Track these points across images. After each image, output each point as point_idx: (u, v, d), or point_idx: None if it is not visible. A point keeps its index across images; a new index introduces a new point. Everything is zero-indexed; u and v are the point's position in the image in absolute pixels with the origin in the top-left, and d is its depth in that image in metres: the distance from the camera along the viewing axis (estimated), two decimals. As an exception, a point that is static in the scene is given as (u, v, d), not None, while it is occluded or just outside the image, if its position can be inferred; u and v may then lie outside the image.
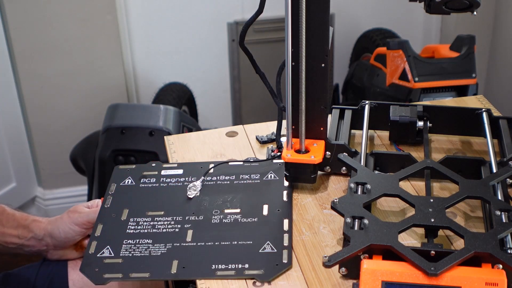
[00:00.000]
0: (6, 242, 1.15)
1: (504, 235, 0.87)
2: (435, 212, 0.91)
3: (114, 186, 1.13)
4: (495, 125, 1.16)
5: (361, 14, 2.54)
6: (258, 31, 2.39)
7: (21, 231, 1.14)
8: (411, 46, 2.00)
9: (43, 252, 1.15)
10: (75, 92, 2.30)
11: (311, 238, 0.99)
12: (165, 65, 2.44)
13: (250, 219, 1.02)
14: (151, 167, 1.17)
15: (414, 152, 1.16)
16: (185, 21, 2.40)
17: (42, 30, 2.19)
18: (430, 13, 0.99)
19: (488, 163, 1.06)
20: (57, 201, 2.45)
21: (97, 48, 2.27)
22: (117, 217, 1.06)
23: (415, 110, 1.17)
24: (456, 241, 0.96)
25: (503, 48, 2.47)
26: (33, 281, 1.18)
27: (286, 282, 0.91)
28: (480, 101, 1.34)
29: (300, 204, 1.07)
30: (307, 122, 1.06)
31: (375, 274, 0.81)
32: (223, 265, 0.93)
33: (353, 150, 1.10)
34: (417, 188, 1.09)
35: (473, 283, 0.80)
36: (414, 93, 1.95)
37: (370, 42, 2.36)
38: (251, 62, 1.12)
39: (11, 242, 1.14)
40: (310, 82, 1.03)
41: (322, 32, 1.00)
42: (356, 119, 1.19)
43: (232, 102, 2.58)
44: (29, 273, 1.21)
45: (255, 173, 1.13)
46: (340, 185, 1.11)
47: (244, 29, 1.07)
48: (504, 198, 0.97)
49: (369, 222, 0.89)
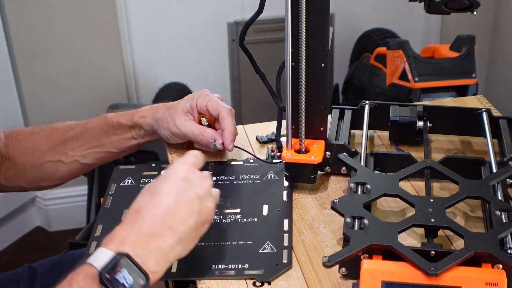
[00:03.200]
0: (127, 146, 1.18)
1: (504, 235, 0.87)
2: (435, 212, 0.91)
3: (114, 186, 1.13)
4: (495, 125, 1.16)
5: (361, 14, 2.54)
6: (258, 31, 2.39)
7: (134, 131, 1.16)
8: (411, 46, 2.00)
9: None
10: (75, 92, 2.30)
11: (311, 238, 0.99)
12: (165, 65, 2.44)
13: (250, 219, 1.02)
14: (151, 167, 1.17)
15: (414, 152, 1.16)
16: (185, 21, 2.40)
17: (42, 30, 2.19)
18: (430, 13, 0.99)
19: (488, 163, 1.06)
20: (57, 201, 2.46)
21: (97, 48, 2.27)
22: (117, 218, 1.06)
23: (415, 110, 1.17)
24: (456, 241, 0.96)
25: (503, 48, 2.47)
26: (57, 266, 1.20)
27: (286, 282, 0.91)
28: (480, 101, 1.34)
29: (300, 204, 1.07)
30: (307, 122, 1.06)
31: (375, 274, 0.81)
32: (223, 265, 0.93)
33: (353, 150, 1.10)
34: (417, 188, 1.09)
35: (473, 283, 0.80)
36: (414, 93, 1.95)
37: (370, 42, 2.36)
38: (251, 62, 1.12)
39: (131, 145, 1.17)
40: (310, 82, 1.03)
41: (322, 32, 1.00)
42: (356, 119, 1.19)
43: (232, 102, 2.58)
44: (53, 261, 1.23)
45: (255, 173, 1.13)
46: (340, 185, 1.11)
47: (244, 29, 1.07)
48: (504, 198, 0.97)
49: (369, 222, 0.89)
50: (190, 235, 0.85)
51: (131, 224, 0.82)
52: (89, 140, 1.16)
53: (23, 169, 1.17)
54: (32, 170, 1.17)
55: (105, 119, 1.16)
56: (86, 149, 1.17)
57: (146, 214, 0.83)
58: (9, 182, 1.18)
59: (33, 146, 1.16)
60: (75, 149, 1.17)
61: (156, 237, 0.82)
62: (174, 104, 1.15)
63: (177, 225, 0.83)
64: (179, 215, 0.84)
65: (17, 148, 1.17)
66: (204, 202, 0.87)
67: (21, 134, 1.18)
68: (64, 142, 1.17)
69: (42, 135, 1.17)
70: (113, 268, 0.77)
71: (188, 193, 0.86)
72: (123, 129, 1.16)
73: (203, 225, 0.87)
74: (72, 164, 1.18)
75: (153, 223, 0.82)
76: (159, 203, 0.84)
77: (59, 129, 1.17)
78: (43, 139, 1.17)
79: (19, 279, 1.23)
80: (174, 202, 0.85)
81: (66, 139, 1.17)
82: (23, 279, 1.23)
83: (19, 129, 1.19)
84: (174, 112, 1.13)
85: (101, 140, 1.16)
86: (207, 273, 0.92)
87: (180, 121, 1.12)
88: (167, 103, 1.17)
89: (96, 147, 1.17)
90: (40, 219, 2.51)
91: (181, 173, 0.88)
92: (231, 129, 1.11)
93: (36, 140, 1.17)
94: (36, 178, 1.19)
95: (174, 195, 0.85)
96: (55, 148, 1.17)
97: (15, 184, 1.19)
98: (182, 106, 1.13)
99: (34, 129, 1.18)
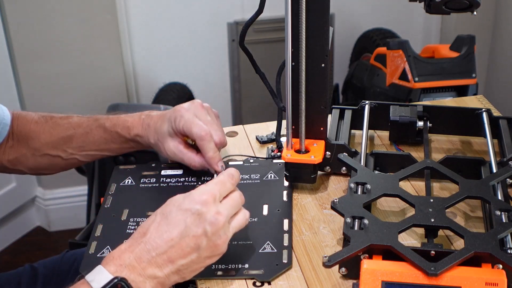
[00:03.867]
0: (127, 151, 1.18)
1: (504, 235, 0.87)
2: (435, 212, 0.91)
3: (114, 186, 1.13)
4: (495, 125, 1.16)
5: (361, 14, 2.54)
6: (258, 31, 2.39)
7: (133, 143, 1.16)
8: (411, 46, 2.00)
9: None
10: (75, 92, 2.30)
11: (311, 238, 0.99)
12: (165, 65, 2.44)
13: (250, 219, 1.02)
14: (151, 167, 1.17)
15: (414, 152, 1.16)
16: (185, 21, 2.40)
17: (42, 30, 2.19)
18: (430, 13, 0.99)
19: (488, 163, 1.06)
20: (57, 201, 2.46)
21: (97, 48, 2.27)
22: (117, 217, 1.06)
23: (415, 110, 1.17)
24: (456, 241, 0.96)
25: (503, 48, 2.47)
26: (58, 265, 1.20)
27: (286, 282, 0.91)
28: (480, 101, 1.34)
29: (300, 204, 1.07)
30: (307, 122, 1.06)
31: (375, 274, 0.81)
32: (223, 265, 0.93)
33: (353, 150, 1.10)
34: (417, 188, 1.09)
35: (473, 283, 0.80)
36: (414, 93, 1.95)
37: (370, 42, 2.36)
38: (251, 62, 1.12)
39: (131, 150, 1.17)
40: (310, 82, 1.03)
41: (322, 32, 1.00)
42: (356, 119, 1.19)
43: (232, 102, 2.58)
44: (54, 260, 1.23)
45: (255, 173, 1.13)
46: (340, 185, 1.11)
47: (244, 29, 1.07)
48: (504, 198, 0.97)
49: (369, 222, 0.89)
50: (191, 267, 0.86)
51: (133, 246, 0.84)
52: (88, 144, 1.17)
53: (25, 155, 1.18)
54: (33, 159, 1.19)
55: (104, 128, 1.15)
56: (85, 151, 1.18)
57: (149, 241, 0.84)
58: (11, 165, 1.20)
59: (35, 136, 1.17)
60: (74, 149, 1.17)
61: (154, 266, 0.83)
62: (158, 126, 1.11)
63: (177, 258, 0.84)
64: (181, 250, 0.84)
65: (20, 133, 1.18)
66: (213, 239, 0.86)
67: (26, 119, 1.18)
68: (64, 140, 1.17)
69: (44, 128, 1.17)
70: None
71: (197, 228, 0.85)
72: (121, 140, 1.15)
73: (209, 259, 0.87)
74: (71, 160, 1.19)
75: (154, 253, 0.83)
76: (165, 232, 0.84)
77: (60, 126, 1.18)
78: (44, 132, 1.17)
79: (20, 279, 1.23)
80: (179, 235, 0.84)
81: (66, 137, 1.17)
82: (24, 279, 1.23)
83: (26, 114, 1.20)
84: (162, 138, 1.10)
85: (101, 146, 1.17)
86: (207, 273, 0.92)
87: (170, 148, 1.10)
88: (154, 118, 1.13)
89: (95, 151, 1.18)
90: (40, 219, 2.51)
91: (197, 205, 0.85)
92: (210, 154, 1.07)
93: (38, 131, 1.18)
94: (37, 166, 1.20)
95: (181, 228, 0.84)
96: (55, 144, 1.17)
97: (17, 168, 1.20)
98: (166, 130, 1.10)
99: (38, 118, 1.19)
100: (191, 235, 0.84)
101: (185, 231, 0.84)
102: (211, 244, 0.85)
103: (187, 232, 0.84)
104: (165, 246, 0.83)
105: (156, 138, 1.11)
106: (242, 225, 0.91)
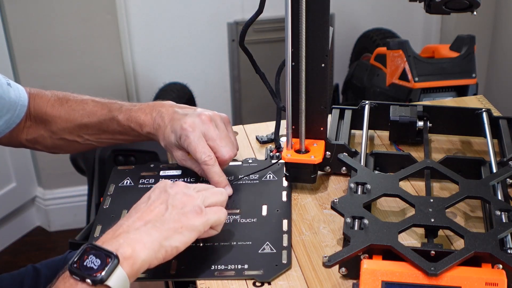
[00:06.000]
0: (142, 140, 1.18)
1: (504, 235, 0.87)
2: (435, 212, 0.91)
3: (113, 187, 1.13)
4: (495, 125, 1.16)
5: (361, 14, 2.54)
6: (258, 31, 2.39)
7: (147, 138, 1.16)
8: (411, 46, 2.00)
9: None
10: (75, 92, 2.29)
11: (311, 238, 0.99)
12: (165, 65, 2.44)
13: (249, 220, 1.02)
14: (149, 168, 1.17)
15: (414, 152, 1.16)
16: (185, 21, 2.40)
17: (42, 30, 2.19)
18: (430, 13, 0.99)
19: (488, 163, 1.06)
20: (57, 201, 2.46)
21: (97, 48, 2.27)
22: (116, 218, 1.05)
23: (415, 110, 1.17)
24: (456, 241, 0.96)
25: (503, 48, 2.47)
26: (61, 266, 1.19)
27: (286, 282, 0.91)
28: (480, 101, 1.34)
29: (300, 204, 1.07)
30: (307, 122, 1.06)
31: (375, 274, 0.81)
32: (222, 265, 0.93)
33: (353, 150, 1.10)
34: (417, 188, 1.09)
35: (473, 283, 0.79)
36: (414, 93, 1.95)
37: (370, 42, 2.36)
38: (251, 62, 1.12)
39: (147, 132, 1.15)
40: (310, 82, 1.03)
41: (322, 32, 1.00)
42: (356, 119, 1.19)
43: (232, 102, 2.58)
44: (56, 261, 1.24)
45: (254, 174, 1.13)
46: (340, 185, 1.11)
47: (244, 29, 1.07)
48: (504, 198, 0.97)
49: (369, 222, 0.88)
50: (164, 220, 0.86)
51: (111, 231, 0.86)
52: (103, 133, 1.18)
53: (42, 136, 1.20)
54: (50, 140, 1.21)
55: (117, 121, 1.15)
56: (101, 139, 1.19)
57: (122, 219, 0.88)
58: (30, 144, 1.22)
59: (51, 119, 1.19)
60: (90, 135, 1.19)
61: (124, 227, 0.85)
62: (167, 135, 1.10)
63: (143, 215, 0.87)
64: (145, 209, 0.88)
65: (37, 115, 1.19)
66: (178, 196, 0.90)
67: (42, 101, 1.20)
68: (80, 127, 1.18)
69: (60, 113, 1.19)
70: (80, 258, 0.79)
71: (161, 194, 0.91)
72: (135, 133, 1.15)
73: (182, 227, 0.87)
74: (88, 145, 1.21)
75: (125, 223, 0.86)
76: (134, 208, 0.90)
77: (75, 111, 1.19)
78: (60, 117, 1.19)
79: (23, 280, 1.23)
80: (145, 203, 0.90)
81: (81, 125, 1.18)
82: (26, 280, 1.23)
83: (42, 95, 1.21)
84: (170, 146, 1.11)
85: (115, 136, 1.17)
86: (207, 274, 0.92)
87: (178, 156, 1.11)
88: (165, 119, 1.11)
89: (111, 139, 1.19)
90: (40, 219, 2.51)
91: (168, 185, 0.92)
92: (215, 179, 1.07)
93: (54, 115, 1.19)
94: (55, 147, 1.23)
95: (146, 198, 0.91)
96: (71, 130, 1.19)
97: (35, 146, 1.23)
98: (174, 141, 1.09)
99: (54, 101, 1.20)
100: (157, 201, 0.89)
101: (151, 199, 0.90)
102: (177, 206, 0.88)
103: (152, 199, 0.90)
104: (134, 215, 0.87)
105: (164, 143, 1.12)
106: (220, 214, 0.93)
